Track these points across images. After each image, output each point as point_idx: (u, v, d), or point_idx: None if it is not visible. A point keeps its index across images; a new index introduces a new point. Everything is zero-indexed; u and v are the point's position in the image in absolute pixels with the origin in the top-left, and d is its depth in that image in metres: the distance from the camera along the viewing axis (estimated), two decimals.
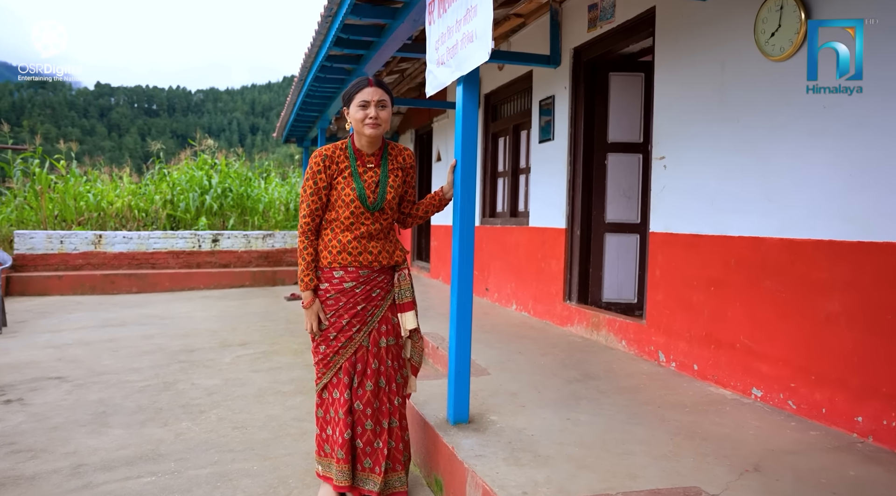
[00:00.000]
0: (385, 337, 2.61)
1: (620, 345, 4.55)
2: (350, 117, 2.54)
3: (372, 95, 2.52)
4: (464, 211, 2.82)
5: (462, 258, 2.83)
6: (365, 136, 2.54)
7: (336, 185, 2.52)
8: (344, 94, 2.59)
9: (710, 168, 3.69)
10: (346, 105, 2.58)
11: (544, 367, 4.04)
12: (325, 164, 2.52)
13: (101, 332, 6.45)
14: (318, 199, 2.53)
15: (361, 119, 2.49)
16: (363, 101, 2.50)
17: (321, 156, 2.53)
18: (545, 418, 3.01)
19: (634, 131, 5.24)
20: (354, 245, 2.54)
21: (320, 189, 2.52)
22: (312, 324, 2.55)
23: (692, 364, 3.80)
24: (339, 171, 2.53)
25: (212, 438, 3.56)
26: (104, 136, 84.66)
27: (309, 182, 2.53)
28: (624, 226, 5.27)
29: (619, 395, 3.43)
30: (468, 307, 2.83)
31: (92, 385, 4.57)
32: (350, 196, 2.50)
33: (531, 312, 5.96)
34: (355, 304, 2.55)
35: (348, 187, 2.51)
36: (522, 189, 6.66)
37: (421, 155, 10.42)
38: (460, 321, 2.81)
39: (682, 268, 3.92)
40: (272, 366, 5.13)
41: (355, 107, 2.51)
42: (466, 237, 2.83)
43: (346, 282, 2.54)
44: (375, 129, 2.51)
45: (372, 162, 2.59)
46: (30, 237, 9.39)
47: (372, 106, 2.50)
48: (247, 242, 10.70)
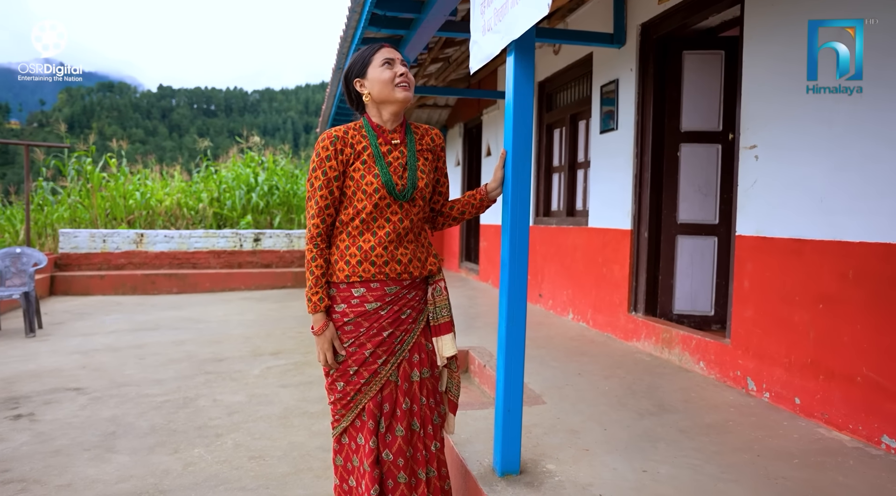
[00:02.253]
0: (418, 368, 2.05)
1: (698, 366, 3.89)
2: (370, 84, 2.00)
3: (393, 53, 2.02)
4: (515, 211, 2.26)
5: (513, 276, 2.27)
6: (395, 104, 2.01)
7: (353, 173, 1.98)
8: (352, 65, 2.06)
9: (819, 158, 3.01)
10: (359, 75, 2.03)
11: (609, 394, 3.44)
12: (337, 147, 1.97)
13: (132, 337, 6.16)
14: (328, 195, 1.97)
15: (391, 79, 1.98)
16: (386, 58, 2.00)
17: (330, 138, 1.98)
18: (615, 469, 2.42)
19: (713, 118, 4.55)
20: (379, 252, 1.98)
21: (331, 180, 1.97)
22: (326, 355, 2.00)
23: (792, 396, 3.12)
24: (356, 154, 1.99)
25: (223, 471, 3.11)
26: (165, 136, 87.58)
27: (316, 172, 1.97)
28: (699, 227, 4.59)
29: (704, 437, 2.80)
30: (521, 336, 2.27)
31: (109, 399, 4.22)
32: (373, 184, 1.96)
33: (590, 323, 5.33)
34: (380, 330, 1.99)
35: (370, 174, 1.96)
36: (580, 185, 6.02)
37: (470, 150, 9.87)
38: (510, 353, 2.25)
39: (780, 279, 3.25)
40: (303, 381, 4.68)
41: (378, 68, 1.99)
42: (519, 244, 2.27)
43: (368, 302, 1.99)
44: (408, 92, 2.01)
45: (397, 138, 2.05)
46: (74, 236, 9.30)
47: (398, 63, 2.01)
48: (289, 242, 10.38)
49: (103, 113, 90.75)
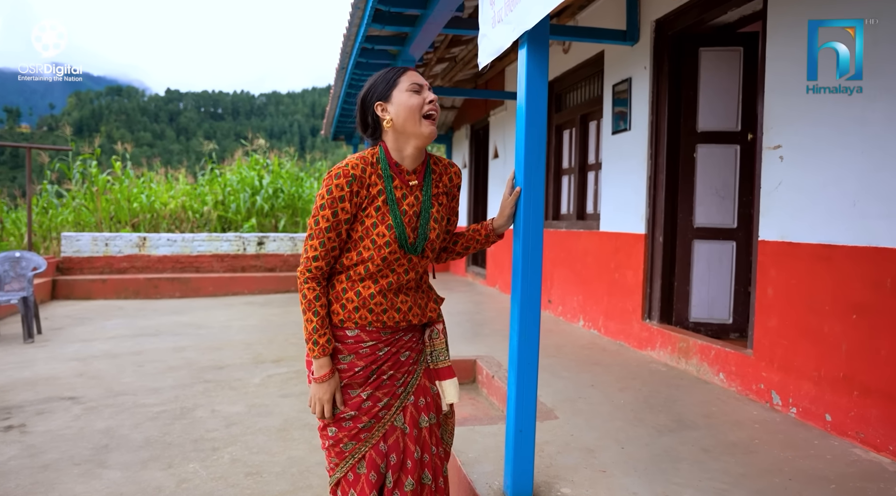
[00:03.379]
0: (426, 413, 1.83)
1: (717, 378, 3.70)
2: (395, 110, 1.76)
3: (422, 78, 1.81)
4: (528, 218, 2.09)
5: (525, 294, 2.10)
6: (419, 139, 1.77)
7: (364, 218, 1.74)
8: (374, 85, 1.81)
9: (852, 158, 2.82)
10: (381, 98, 1.79)
11: (624, 408, 3.25)
12: (353, 189, 1.71)
13: (132, 343, 6.02)
14: (335, 237, 1.73)
15: (419, 106, 1.75)
16: (415, 82, 1.77)
17: (347, 176, 1.71)
18: (635, 493, 2.24)
19: (731, 118, 4.37)
20: (378, 300, 1.76)
21: (341, 223, 1.72)
22: (324, 408, 1.74)
23: (822, 413, 2.93)
24: (371, 197, 1.74)
25: (218, 489, 2.95)
26: (173, 139, 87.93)
27: (325, 212, 1.70)
28: (717, 231, 4.40)
29: (729, 456, 2.61)
30: (534, 352, 2.10)
31: (104, 409, 4.07)
32: (385, 237, 1.73)
33: (602, 331, 5.15)
34: (379, 372, 1.78)
35: (382, 224, 1.73)
36: (591, 188, 5.84)
37: (477, 152, 9.70)
38: (522, 370, 2.08)
39: (808, 287, 3.06)
40: (305, 390, 4.51)
41: (405, 92, 1.76)
42: (532, 255, 2.11)
43: (363, 341, 1.77)
44: (434, 126, 1.79)
45: (414, 180, 1.81)
46: (76, 239, 9.18)
47: (426, 89, 1.79)
48: (293, 245, 10.23)
49: (112, 116, 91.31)
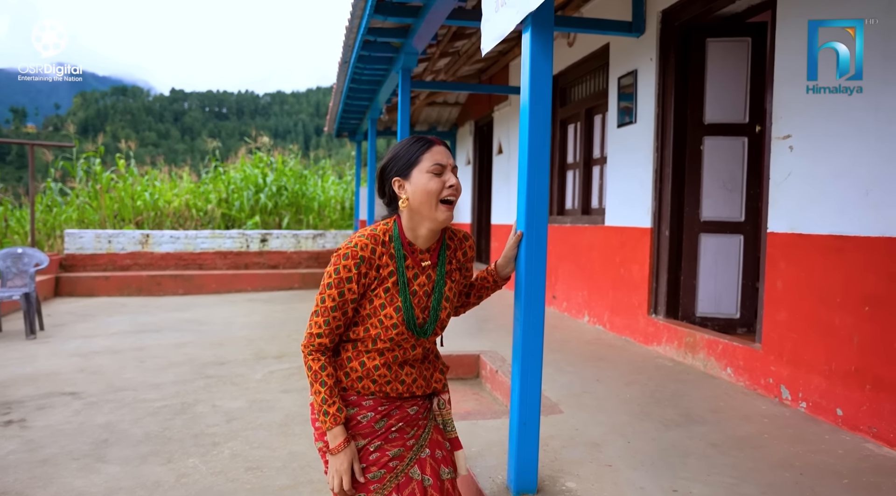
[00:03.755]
0: (444, 465, 1.75)
1: (725, 373, 3.64)
2: (412, 190, 1.66)
3: (446, 157, 1.69)
4: (530, 216, 2.04)
5: (530, 285, 2.05)
6: (434, 223, 1.69)
7: (372, 297, 1.68)
8: (395, 159, 1.71)
9: (864, 147, 2.76)
10: (400, 174, 1.69)
11: (631, 403, 3.20)
12: (361, 270, 1.64)
13: (134, 339, 5.99)
14: (341, 316, 1.66)
15: (437, 191, 1.65)
16: (437, 164, 1.65)
17: (355, 258, 1.64)
18: (642, 488, 2.18)
19: (738, 109, 4.30)
20: (382, 372, 1.71)
21: (347, 303, 1.65)
22: (343, 481, 1.63)
23: (833, 407, 2.87)
24: (381, 279, 1.68)
25: (218, 483, 2.91)
26: (177, 139, 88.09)
27: (332, 291, 1.63)
28: (724, 224, 4.34)
29: (738, 451, 2.56)
30: (538, 344, 2.05)
31: (104, 404, 4.04)
32: (393, 319, 1.67)
33: (607, 326, 5.09)
34: (388, 425, 1.71)
35: (391, 305, 1.67)
36: (596, 183, 5.78)
37: (481, 149, 9.64)
38: (526, 362, 2.03)
39: (818, 279, 3.00)
40: (306, 386, 4.47)
41: (425, 174, 1.65)
42: (536, 245, 2.06)
43: (365, 400, 1.72)
44: (451, 211, 1.70)
45: (427, 259, 1.74)
46: (79, 237, 9.17)
47: (448, 171, 1.69)
48: (296, 242, 10.20)
49: (117, 116, 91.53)
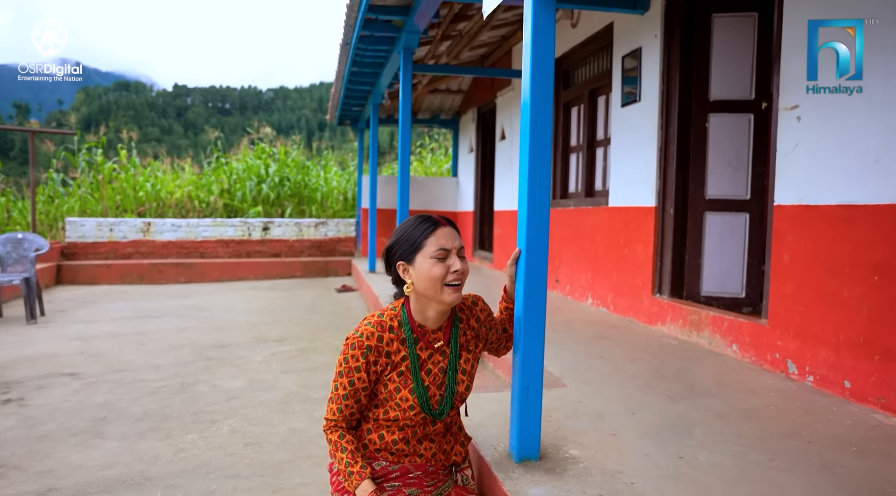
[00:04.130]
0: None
1: (730, 350, 3.59)
2: (416, 275, 1.68)
3: (451, 240, 1.70)
4: (532, 182, 1.99)
5: (532, 236, 2.00)
6: (442, 305, 1.71)
7: (386, 382, 1.72)
8: (399, 242, 1.72)
9: (875, 114, 2.70)
10: (404, 258, 1.71)
11: (635, 377, 3.15)
12: (370, 359, 1.69)
13: (135, 324, 5.96)
14: (354, 404, 1.72)
15: (441, 277, 1.66)
16: (441, 249, 1.66)
17: (361, 348, 1.68)
18: (647, 455, 2.14)
19: (744, 86, 4.24)
20: (401, 447, 1.77)
21: (359, 392, 1.71)
22: None
23: (841, 380, 2.82)
24: (393, 364, 1.72)
25: (216, 458, 2.87)
26: (181, 134, 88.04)
27: (343, 380, 1.70)
28: (729, 203, 4.28)
29: (745, 422, 2.51)
30: (541, 300, 2.00)
31: (103, 384, 4.00)
32: (408, 401, 1.71)
33: (611, 308, 5.04)
34: (405, 471, 1.77)
35: (405, 388, 1.71)
36: (600, 165, 5.72)
37: (484, 136, 9.58)
38: (529, 323, 1.98)
39: (826, 250, 2.94)
40: (307, 367, 4.44)
41: (428, 259, 1.66)
42: (538, 211, 2.00)
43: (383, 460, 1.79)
44: (459, 292, 1.71)
45: (440, 339, 1.77)
46: (80, 225, 9.15)
47: (454, 255, 1.69)
48: (298, 231, 10.16)
49: (119, 112, 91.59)
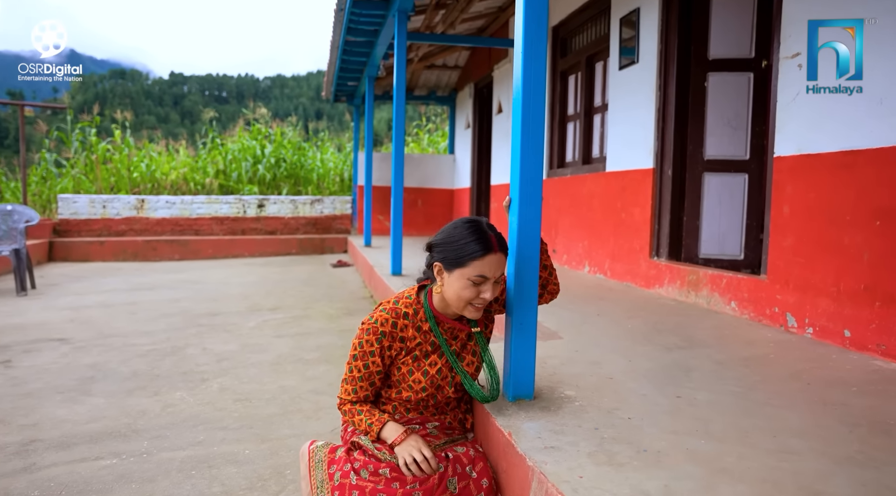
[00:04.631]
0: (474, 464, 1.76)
1: (729, 307, 3.54)
2: (448, 284, 1.74)
3: (494, 268, 1.70)
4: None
5: (526, 164, 1.93)
6: (459, 313, 1.81)
7: (400, 365, 1.80)
8: (445, 244, 1.74)
9: (879, 56, 2.62)
10: (443, 262, 1.74)
11: (633, 332, 3.10)
12: (384, 344, 1.77)
13: (127, 296, 5.90)
14: (368, 386, 1.81)
15: (469, 299, 1.72)
16: (481, 275, 1.69)
17: (376, 334, 1.76)
18: (644, 395, 2.08)
19: (744, 44, 4.15)
20: (413, 416, 1.87)
21: (373, 374, 1.79)
22: (425, 453, 1.64)
23: (841, 329, 2.77)
24: (407, 349, 1.80)
25: (205, 412, 2.82)
26: (177, 123, 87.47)
27: (357, 363, 1.78)
28: (728, 163, 4.21)
29: (744, 367, 2.46)
30: (536, 232, 1.93)
31: (92, 348, 3.94)
32: (421, 383, 1.80)
33: (608, 274, 4.98)
34: (425, 422, 1.87)
35: (418, 371, 1.80)
36: (597, 131, 5.64)
37: (481, 112, 9.49)
38: (522, 251, 1.91)
39: (827, 199, 2.88)
40: (300, 332, 4.38)
41: (464, 279, 1.70)
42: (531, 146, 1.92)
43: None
44: (480, 312, 1.78)
45: (456, 326, 1.86)
46: (73, 201, 9.06)
47: (490, 283, 1.72)
48: (294, 208, 10.07)
49: (115, 100, 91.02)
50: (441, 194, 10.53)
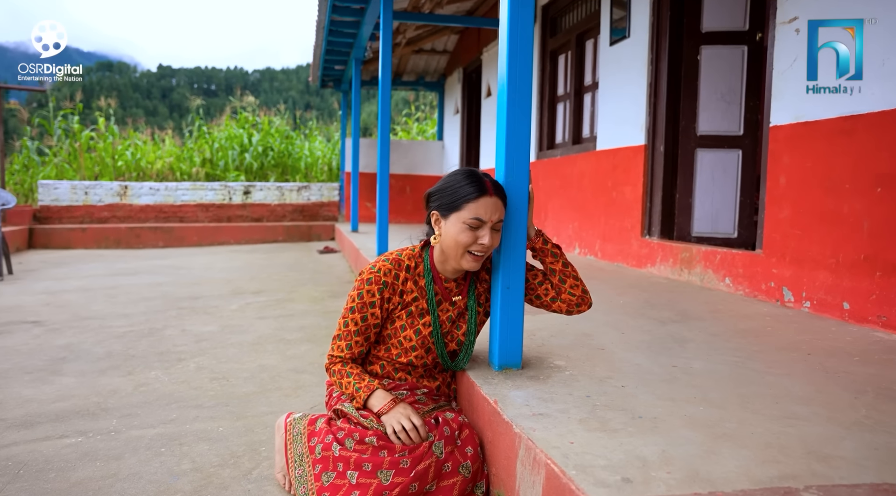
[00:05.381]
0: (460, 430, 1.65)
1: (723, 284, 3.45)
2: (444, 232, 1.67)
3: (490, 211, 1.63)
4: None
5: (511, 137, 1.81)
6: (459, 267, 1.72)
7: (394, 319, 1.74)
8: (441, 191, 1.69)
9: (881, 18, 2.52)
10: (439, 209, 1.68)
11: (625, 307, 3.00)
12: (384, 295, 1.70)
13: (107, 280, 5.74)
14: (364, 341, 1.73)
15: (466, 245, 1.64)
16: (476, 218, 1.62)
17: (378, 283, 1.68)
18: (638, 364, 1.98)
19: (738, 16, 4.05)
20: (402, 376, 1.80)
21: (370, 327, 1.72)
22: (414, 421, 1.55)
23: (840, 302, 2.68)
24: (404, 304, 1.73)
25: (179, 391, 2.69)
26: (166, 116, 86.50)
27: (355, 315, 1.69)
28: (721, 139, 4.12)
29: (741, 339, 2.36)
30: (523, 193, 1.81)
31: (67, 330, 3.80)
32: (412, 341, 1.74)
33: (598, 255, 4.89)
34: (414, 388, 1.80)
35: (411, 328, 1.74)
36: (588, 111, 5.53)
37: (469, 96, 9.35)
38: (512, 211, 1.79)
39: (825, 167, 2.79)
40: (282, 313, 4.25)
41: (460, 223, 1.63)
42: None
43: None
44: (478, 263, 1.69)
45: (453, 290, 1.79)
46: (54, 188, 8.85)
47: (487, 228, 1.64)
48: (280, 195, 9.91)
49: (103, 93, 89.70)
50: (430, 181, 10.39)
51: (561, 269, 1.83)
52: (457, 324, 1.79)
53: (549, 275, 1.84)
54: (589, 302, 1.85)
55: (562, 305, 1.84)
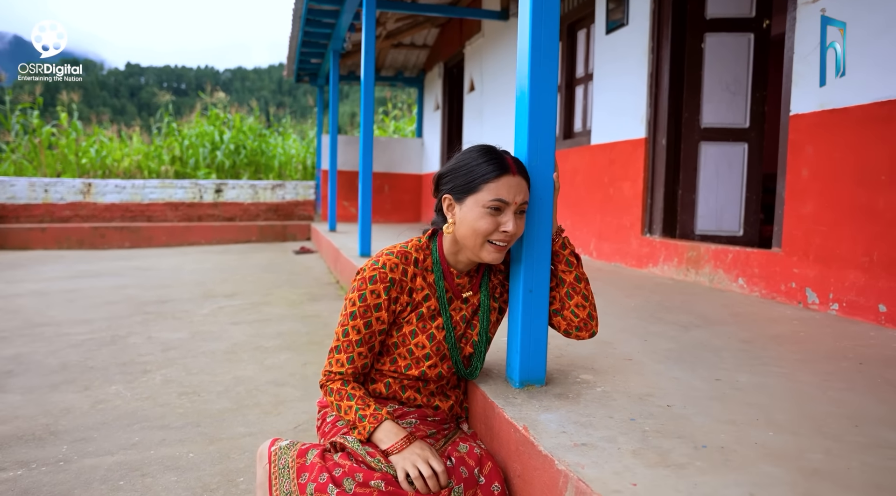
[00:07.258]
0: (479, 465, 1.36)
1: (736, 285, 3.23)
2: (460, 217, 1.39)
3: (515, 192, 1.36)
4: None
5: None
6: (477, 259, 1.43)
7: (402, 323, 1.45)
8: (454, 170, 1.41)
9: None
10: (453, 192, 1.40)
11: (638, 310, 2.75)
12: (391, 295, 1.40)
13: (67, 283, 5.34)
14: (367, 352, 1.42)
15: (486, 233, 1.37)
16: (499, 199, 1.35)
17: (384, 281, 1.39)
18: (676, 378, 1.72)
19: (743, 2, 3.85)
20: (410, 395, 1.50)
21: (375, 335, 1.42)
22: (433, 465, 1.24)
23: (874, 304, 2.46)
24: (414, 304, 1.45)
25: (143, 408, 2.37)
26: (134, 115, 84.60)
27: (357, 322, 1.39)
28: (727, 132, 3.91)
29: (777, 346, 2.12)
30: (549, 174, 1.54)
31: (17, 338, 3.43)
32: (425, 348, 1.45)
33: (594, 254, 4.65)
34: (424, 417, 1.51)
35: (423, 334, 1.45)
36: (580, 104, 5.30)
37: (450, 92, 9.08)
38: (537, 211, 1.52)
39: (856, 158, 2.57)
40: (258, 318, 3.93)
41: (480, 208, 1.36)
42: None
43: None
44: (501, 254, 1.41)
45: (465, 286, 1.52)
46: (10, 184, 8.34)
47: (511, 211, 1.37)
48: (254, 193, 9.51)
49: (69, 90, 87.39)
50: (409, 179, 10.09)
51: (571, 282, 1.53)
52: (470, 325, 1.52)
53: (558, 283, 1.55)
54: (591, 330, 1.55)
55: (561, 322, 1.55)
